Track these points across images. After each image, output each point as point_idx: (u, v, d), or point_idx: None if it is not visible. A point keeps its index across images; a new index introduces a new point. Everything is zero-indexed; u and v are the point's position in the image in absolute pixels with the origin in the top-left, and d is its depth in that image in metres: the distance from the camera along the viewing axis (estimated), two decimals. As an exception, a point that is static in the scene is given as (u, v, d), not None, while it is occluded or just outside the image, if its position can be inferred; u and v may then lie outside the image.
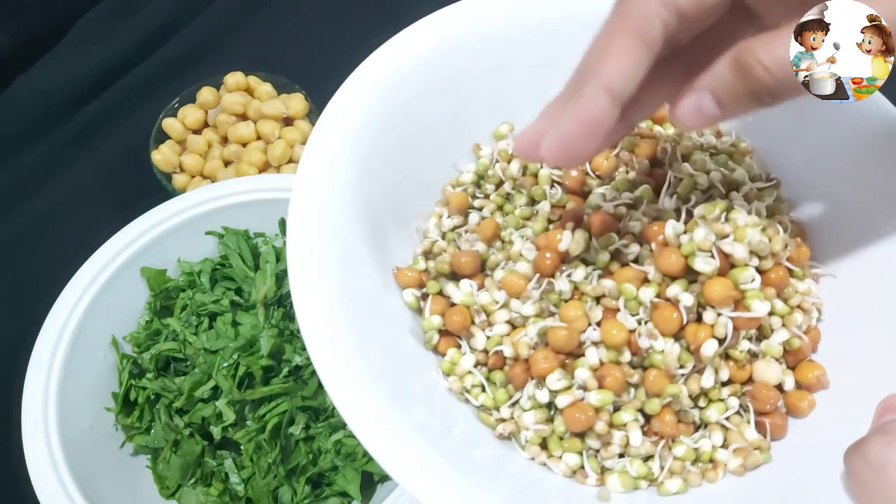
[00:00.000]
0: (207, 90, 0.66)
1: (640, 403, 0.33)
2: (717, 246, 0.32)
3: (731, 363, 0.34)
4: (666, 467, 0.33)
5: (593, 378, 0.32)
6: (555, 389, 0.33)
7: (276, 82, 0.68)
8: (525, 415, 0.34)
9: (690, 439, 0.34)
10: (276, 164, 0.62)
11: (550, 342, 0.33)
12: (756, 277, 0.33)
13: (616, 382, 0.32)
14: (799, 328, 0.35)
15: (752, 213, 0.35)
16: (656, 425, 0.33)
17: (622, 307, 0.33)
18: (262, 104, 0.65)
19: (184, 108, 0.66)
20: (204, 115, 0.66)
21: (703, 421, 0.34)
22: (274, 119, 0.64)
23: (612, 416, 0.33)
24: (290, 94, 0.66)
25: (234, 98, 0.65)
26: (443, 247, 0.39)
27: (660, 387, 0.32)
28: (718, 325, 0.32)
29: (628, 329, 0.32)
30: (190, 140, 0.64)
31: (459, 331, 0.35)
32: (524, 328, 0.34)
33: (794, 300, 0.36)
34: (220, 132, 0.66)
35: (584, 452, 0.33)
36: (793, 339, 0.35)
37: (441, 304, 0.36)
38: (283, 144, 0.62)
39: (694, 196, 0.36)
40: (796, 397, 0.35)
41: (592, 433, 0.33)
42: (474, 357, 0.35)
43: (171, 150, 0.63)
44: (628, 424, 0.33)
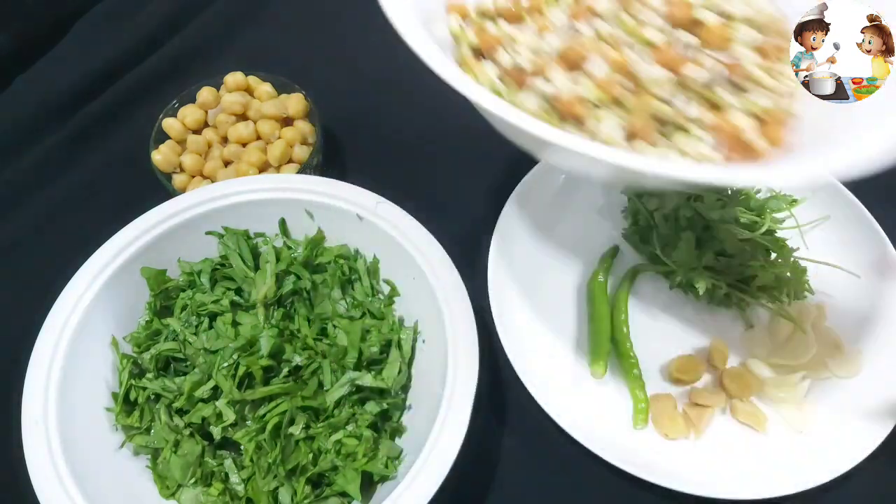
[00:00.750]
0: (207, 90, 0.66)
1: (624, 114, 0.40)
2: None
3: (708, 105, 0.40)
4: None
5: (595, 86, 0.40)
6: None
7: (276, 82, 0.68)
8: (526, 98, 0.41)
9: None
10: (276, 164, 0.62)
11: (562, 53, 0.42)
12: (749, 33, 0.40)
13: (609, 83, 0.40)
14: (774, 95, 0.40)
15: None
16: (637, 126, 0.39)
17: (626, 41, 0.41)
18: (262, 104, 0.65)
19: (184, 108, 0.66)
20: (204, 115, 0.66)
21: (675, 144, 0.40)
22: (274, 119, 0.64)
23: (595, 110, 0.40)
24: (289, 94, 0.66)
25: (234, 98, 0.65)
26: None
27: (645, 102, 0.39)
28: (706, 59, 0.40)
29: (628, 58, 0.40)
30: (190, 140, 0.64)
31: (489, 47, 0.44)
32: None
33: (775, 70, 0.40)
34: (219, 132, 0.66)
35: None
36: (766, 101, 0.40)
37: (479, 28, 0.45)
38: (282, 144, 0.62)
39: None
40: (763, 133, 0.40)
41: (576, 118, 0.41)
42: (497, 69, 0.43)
43: (171, 150, 0.63)
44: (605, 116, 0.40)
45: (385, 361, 0.50)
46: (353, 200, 0.53)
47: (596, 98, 0.41)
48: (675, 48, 0.41)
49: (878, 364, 0.54)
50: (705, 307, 0.59)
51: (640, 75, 0.40)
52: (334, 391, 0.48)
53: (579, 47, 0.42)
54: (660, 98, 0.40)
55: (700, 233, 0.59)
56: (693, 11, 0.41)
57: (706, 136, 0.40)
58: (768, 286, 0.56)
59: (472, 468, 0.49)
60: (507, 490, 0.52)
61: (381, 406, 0.49)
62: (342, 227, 0.55)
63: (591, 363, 0.55)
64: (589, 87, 0.41)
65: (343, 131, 0.72)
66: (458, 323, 0.47)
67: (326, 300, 0.53)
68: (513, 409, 0.55)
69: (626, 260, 0.62)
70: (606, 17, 0.44)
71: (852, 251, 0.59)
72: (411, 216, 0.52)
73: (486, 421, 0.53)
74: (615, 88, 0.40)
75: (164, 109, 0.66)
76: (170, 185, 0.62)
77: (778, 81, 0.40)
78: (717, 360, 0.56)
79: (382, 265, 0.55)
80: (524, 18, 0.46)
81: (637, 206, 0.61)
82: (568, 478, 0.52)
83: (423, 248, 0.50)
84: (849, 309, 0.57)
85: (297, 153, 0.63)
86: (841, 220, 0.61)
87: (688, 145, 0.39)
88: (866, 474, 0.50)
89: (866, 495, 0.50)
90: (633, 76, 0.41)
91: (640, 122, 0.39)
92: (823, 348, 0.55)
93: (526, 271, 0.60)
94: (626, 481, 0.50)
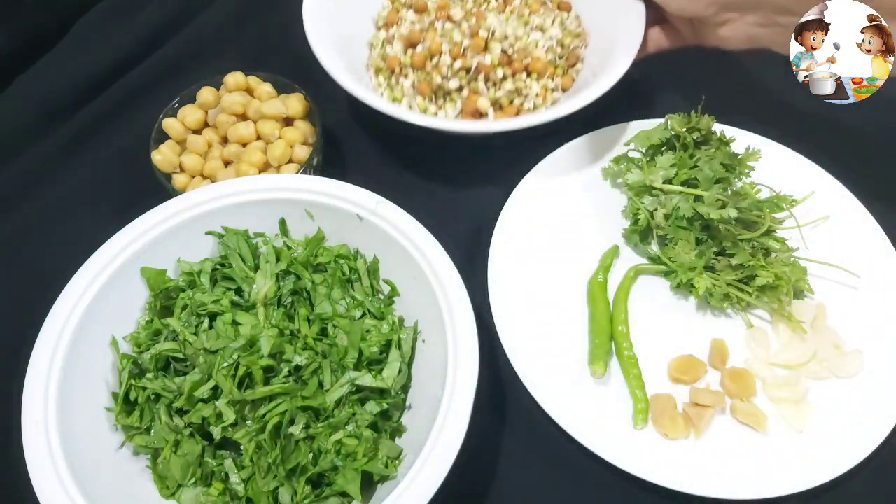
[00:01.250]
0: (207, 90, 0.66)
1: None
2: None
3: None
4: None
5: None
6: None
7: (276, 82, 0.68)
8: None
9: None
10: (276, 164, 0.62)
11: (408, 35, 0.68)
12: (497, 49, 0.65)
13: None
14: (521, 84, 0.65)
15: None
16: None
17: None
18: (262, 104, 0.65)
19: (184, 108, 0.66)
20: (204, 115, 0.66)
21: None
22: (274, 119, 0.64)
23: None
24: (289, 94, 0.66)
25: (234, 98, 0.65)
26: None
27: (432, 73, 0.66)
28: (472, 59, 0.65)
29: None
30: (190, 140, 0.64)
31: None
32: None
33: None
34: (220, 132, 0.66)
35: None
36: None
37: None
38: (282, 144, 0.62)
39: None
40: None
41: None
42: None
43: (171, 149, 0.63)
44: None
45: (385, 361, 0.50)
46: (353, 200, 0.53)
47: (408, 62, 0.66)
48: (462, 48, 0.65)
49: (878, 364, 0.54)
50: (705, 307, 0.59)
51: (440, 59, 0.65)
52: (334, 391, 0.48)
53: (418, 34, 0.66)
54: (442, 74, 0.65)
55: (700, 233, 0.59)
56: (480, 29, 0.65)
57: (459, 104, 0.65)
58: (768, 286, 0.56)
59: (472, 468, 0.49)
60: (507, 490, 0.52)
61: (381, 406, 0.49)
62: (342, 227, 0.55)
63: (591, 363, 0.55)
64: (407, 56, 0.67)
65: (343, 131, 0.72)
66: (458, 323, 0.47)
67: (326, 300, 0.53)
68: (513, 409, 0.55)
69: (626, 260, 0.62)
70: (456, 20, 0.67)
71: (852, 251, 0.59)
72: (411, 216, 0.52)
73: (485, 421, 0.53)
74: (421, 60, 0.65)
75: (163, 109, 0.66)
76: (170, 186, 0.62)
77: (514, 84, 0.65)
78: (717, 360, 0.56)
79: (382, 265, 0.55)
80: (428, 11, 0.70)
81: (637, 205, 0.61)
82: (568, 478, 0.52)
83: (423, 248, 0.50)
84: (849, 309, 0.57)
85: (297, 153, 0.63)
86: (841, 220, 0.61)
87: (448, 106, 0.66)
88: (866, 474, 0.50)
89: (866, 495, 0.50)
90: (436, 57, 0.65)
91: (424, 85, 0.65)
92: (823, 348, 0.55)
93: (526, 271, 0.60)
94: (626, 481, 0.50)
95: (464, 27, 0.66)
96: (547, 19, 0.68)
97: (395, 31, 0.69)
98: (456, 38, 0.65)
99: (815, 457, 0.50)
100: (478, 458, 0.50)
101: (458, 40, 0.64)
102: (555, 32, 0.67)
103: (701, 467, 0.50)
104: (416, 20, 0.69)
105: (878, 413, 0.52)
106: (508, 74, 0.65)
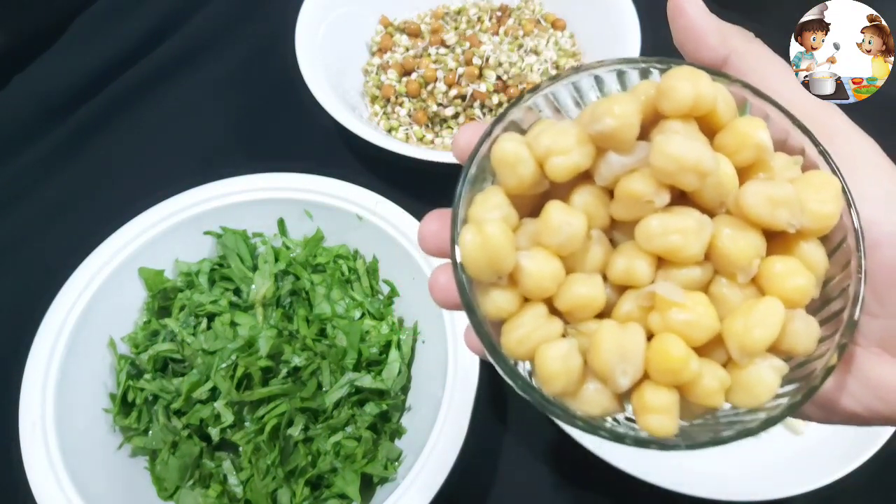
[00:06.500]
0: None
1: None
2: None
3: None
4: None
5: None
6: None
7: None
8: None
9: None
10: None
11: (402, 62, 0.68)
12: (492, 76, 0.66)
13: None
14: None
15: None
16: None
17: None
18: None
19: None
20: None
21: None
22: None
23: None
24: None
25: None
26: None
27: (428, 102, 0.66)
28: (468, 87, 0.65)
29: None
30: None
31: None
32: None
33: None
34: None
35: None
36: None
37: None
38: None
39: None
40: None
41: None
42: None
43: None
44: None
45: (384, 362, 0.50)
46: (352, 200, 0.53)
47: (403, 91, 0.67)
48: (456, 75, 0.65)
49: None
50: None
51: (435, 87, 0.66)
52: (333, 392, 0.48)
53: (412, 61, 0.67)
54: (437, 102, 0.66)
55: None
56: (474, 56, 0.66)
57: (456, 130, 0.62)
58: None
59: (472, 468, 0.48)
60: (507, 490, 0.52)
61: (381, 407, 0.49)
62: (341, 226, 0.54)
63: (591, 363, 0.55)
64: (402, 84, 0.67)
65: (343, 131, 0.72)
66: (458, 323, 0.47)
67: (325, 300, 0.53)
68: (513, 409, 0.55)
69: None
70: (450, 45, 0.68)
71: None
72: (411, 216, 0.52)
73: (486, 421, 0.53)
74: (416, 89, 0.66)
75: (163, 109, 0.65)
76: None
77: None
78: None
79: (382, 265, 0.54)
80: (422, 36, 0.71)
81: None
82: (568, 478, 0.52)
83: (423, 248, 0.50)
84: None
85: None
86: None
87: (444, 133, 0.66)
88: (866, 475, 0.50)
89: (866, 495, 0.50)
90: (431, 84, 0.66)
91: (420, 113, 0.66)
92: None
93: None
94: (626, 481, 0.50)
95: (458, 52, 0.66)
96: (541, 41, 0.68)
97: (390, 56, 0.69)
98: (450, 64, 0.65)
99: (815, 457, 0.50)
100: (478, 458, 0.50)
101: (453, 67, 0.65)
102: (549, 55, 0.67)
103: (701, 467, 0.50)
104: (409, 45, 0.69)
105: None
106: (504, 100, 0.65)
